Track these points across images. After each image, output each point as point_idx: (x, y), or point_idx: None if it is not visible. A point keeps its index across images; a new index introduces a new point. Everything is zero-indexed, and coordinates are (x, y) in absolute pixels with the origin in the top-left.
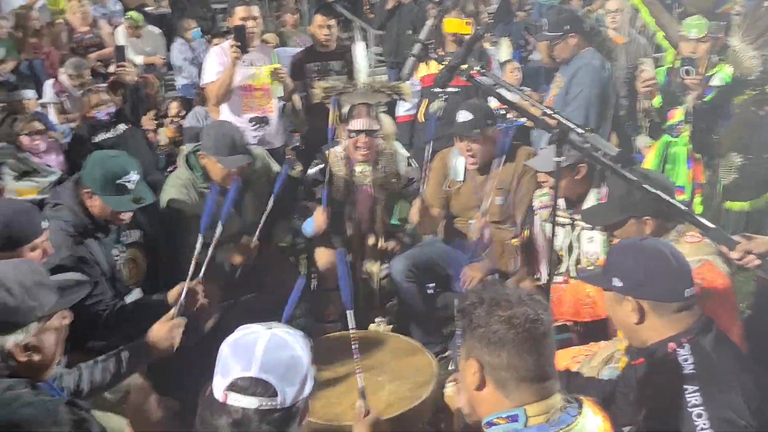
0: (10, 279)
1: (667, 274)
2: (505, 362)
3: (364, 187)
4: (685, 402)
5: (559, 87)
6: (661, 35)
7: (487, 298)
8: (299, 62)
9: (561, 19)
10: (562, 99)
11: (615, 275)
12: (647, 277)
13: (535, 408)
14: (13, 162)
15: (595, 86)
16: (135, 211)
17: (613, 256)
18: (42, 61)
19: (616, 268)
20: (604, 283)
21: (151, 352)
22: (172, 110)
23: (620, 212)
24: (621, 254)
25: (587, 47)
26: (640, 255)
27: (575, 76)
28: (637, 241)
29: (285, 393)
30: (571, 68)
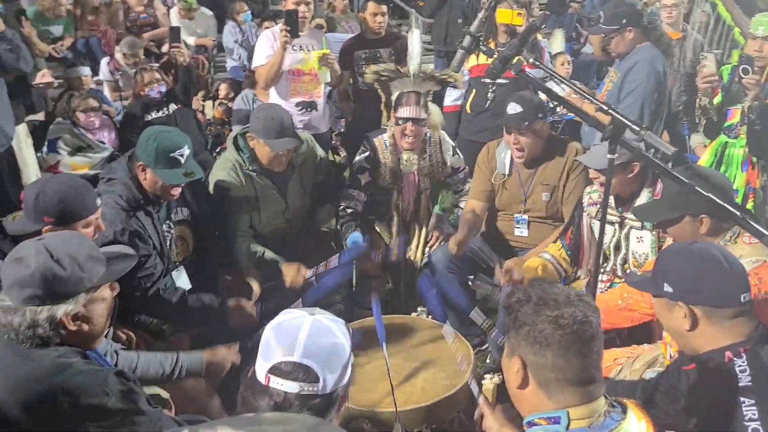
0: (60, 251)
1: (719, 279)
2: (549, 363)
3: (410, 175)
4: (741, 415)
5: (613, 82)
6: (738, 32)
7: (534, 296)
8: (349, 49)
9: (619, 13)
10: (616, 94)
11: (665, 280)
12: (699, 283)
13: (579, 411)
14: (69, 137)
15: (651, 82)
16: (183, 190)
17: (663, 261)
18: (98, 39)
19: (666, 273)
20: (654, 288)
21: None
22: (221, 92)
23: (675, 210)
24: (671, 259)
25: (645, 42)
26: (691, 259)
27: (631, 71)
28: (687, 245)
29: (326, 379)
30: (627, 63)
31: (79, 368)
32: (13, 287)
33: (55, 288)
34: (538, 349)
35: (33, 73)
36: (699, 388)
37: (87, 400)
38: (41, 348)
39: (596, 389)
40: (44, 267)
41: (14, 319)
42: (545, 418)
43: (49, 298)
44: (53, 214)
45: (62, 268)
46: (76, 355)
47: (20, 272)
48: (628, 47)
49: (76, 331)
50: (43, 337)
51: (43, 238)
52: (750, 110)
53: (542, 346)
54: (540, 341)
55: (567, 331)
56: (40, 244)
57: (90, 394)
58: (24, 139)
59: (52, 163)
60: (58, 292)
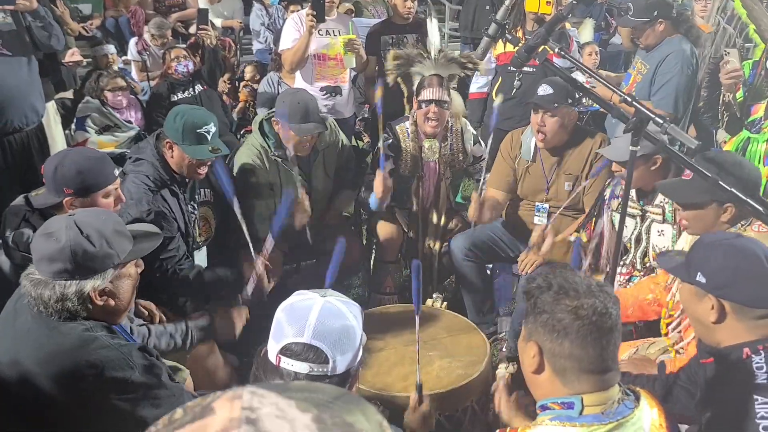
0: (89, 226)
1: (757, 279)
2: (566, 352)
3: (432, 163)
4: (754, 412)
5: (642, 74)
6: (753, 28)
7: (555, 284)
8: (375, 34)
9: (650, 5)
10: (647, 87)
11: (700, 270)
12: (735, 279)
13: (593, 398)
14: (97, 116)
15: (684, 74)
16: (208, 171)
17: (700, 250)
18: (128, 19)
19: (702, 263)
20: (687, 276)
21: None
22: (247, 74)
23: (704, 193)
24: (709, 249)
25: (674, 34)
26: (731, 254)
27: (663, 62)
28: (730, 238)
29: (336, 360)
30: (659, 54)
31: (104, 342)
32: (43, 261)
33: (84, 263)
34: (555, 338)
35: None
36: (715, 382)
37: (111, 373)
38: (69, 321)
39: (612, 378)
40: (74, 242)
41: (44, 292)
42: (559, 403)
43: (78, 273)
44: (72, 185)
45: (91, 243)
46: (102, 329)
47: (50, 246)
48: (658, 39)
49: (102, 306)
50: (71, 311)
51: (73, 214)
52: None
53: (560, 335)
54: (558, 330)
55: (586, 321)
56: (70, 219)
57: (114, 367)
58: (53, 116)
59: (79, 141)
60: (86, 266)
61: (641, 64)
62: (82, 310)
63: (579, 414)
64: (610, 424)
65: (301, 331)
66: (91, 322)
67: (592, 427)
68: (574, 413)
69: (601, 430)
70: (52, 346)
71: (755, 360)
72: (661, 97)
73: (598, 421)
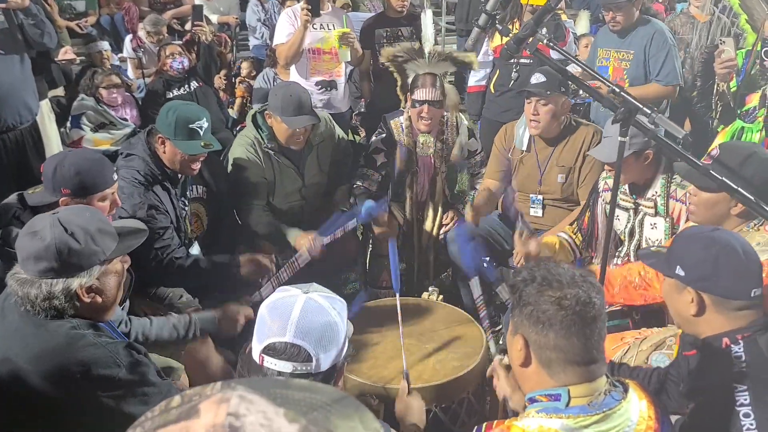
0: (73, 224)
1: (736, 272)
2: (552, 343)
3: (427, 157)
4: (734, 401)
5: (629, 60)
6: (744, 19)
7: (538, 276)
8: (370, 28)
9: None
10: (641, 70)
11: (679, 263)
12: (714, 272)
13: (579, 389)
14: (92, 114)
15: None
16: (201, 168)
17: (680, 243)
18: (123, 16)
19: (682, 257)
20: (666, 269)
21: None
22: (243, 70)
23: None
24: (689, 242)
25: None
26: (710, 247)
27: (652, 42)
28: (708, 231)
29: (319, 358)
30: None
31: (91, 340)
32: (29, 260)
33: (70, 260)
34: (540, 329)
35: (56, 49)
36: (697, 373)
37: (98, 371)
38: (56, 319)
39: (598, 369)
40: (59, 240)
41: (30, 291)
42: (546, 395)
43: (64, 271)
44: (70, 186)
45: (76, 241)
46: (89, 327)
47: (36, 245)
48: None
49: (89, 303)
50: (58, 309)
51: (57, 212)
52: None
53: (545, 327)
54: (543, 321)
55: (569, 312)
56: (54, 217)
57: (101, 365)
58: (47, 114)
59: (75, 139)
60: (73, 264)
61: (619, 52)
62: (69, 308)
63: (566, 406)
64: (597, 415)
65: (283, 329)
66: (78, 320)
67: (578, 418)
68: (560, 405)
69: (587, 421)
70: (39, 345)
71: (734, 349)
72: (666, 72)
73: (585, 413)
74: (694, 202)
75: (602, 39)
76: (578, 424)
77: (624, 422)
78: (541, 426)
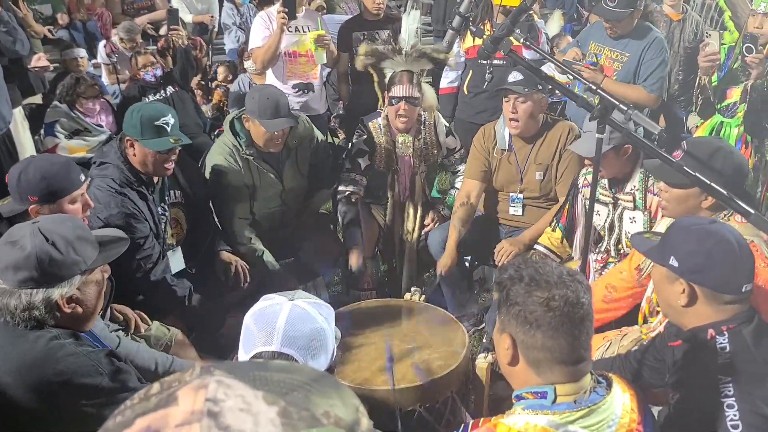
0: (54, 233)
1: (729, 266)
2: (539, 343)
3: (406, 157)
4: (718, 392)
5: (623, 62)
6: (728, 15)
7: (526, 275)
8: (347, 30)
9: None
10: (631, 74)
11: (673, 254)
12: (708, 265)
13: (565, 388)
14: (66, 121)
15: (666, 60)
16: (176, 172)
17: (675, 233)
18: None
19: (676, 247)
20: (660, 259)
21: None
22: (219, 75)
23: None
24: (683, 234)
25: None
26: (706, 240)
27: (648, 49)
28: (705, 223)
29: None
30: (639, 42)
31: (72, 349)
32: (8, 270)
33: (50, 270)
34: (527, 330)
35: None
36: (682, 364)
37: (80, 380)
38: (36, 330)
39: (584, 367)
40: (39, 249)
41: (10, 301)
42: (533, 392)
43: (45, 281)
44: (37, 192)
45: (57, 250)
46: (69, 337)
47: (15, 255)
48: (631, 27)
49: (70, 314)
50: (39, 319)
51: (37, 221)
52: (753, 89)
53: (532, 327)
54: (530, 322)
55: (557, 313)
56: (34, 226)
57: (83, 374)
58: (21, 122)
59: (49, 147)
60: (53, 274)
61: (613, 52)
62: (49, 318)
63: (552, 403)
64: (582, 410)
65: (270, 338)
66: (58, 330)
67: (564, 414)
68: (547, 402)
69: (573, 417)
70: (19, 355)
71: (719, 340)
72: (653, 82)
73: (571, 409)
74: (665, 198)
75: (596, 34)
76: (564, 420)
77: (609, 416)
78: (528, 423)
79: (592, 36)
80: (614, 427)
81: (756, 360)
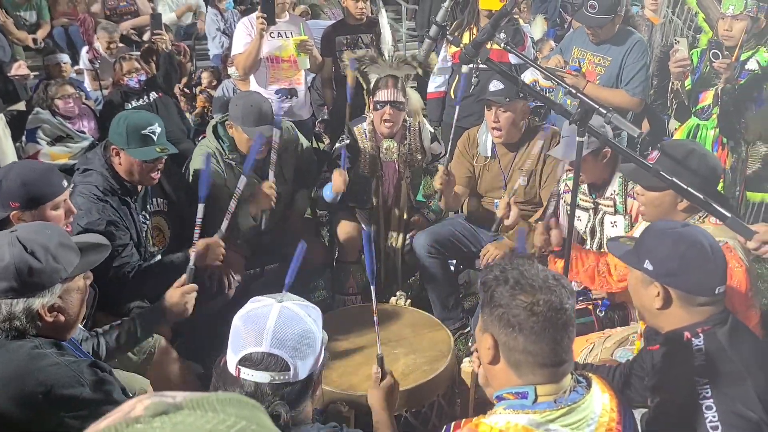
0: (33, 242)
1: (702, 268)
2: (521, 346)
3: (391, 162)
4: (696, 394)
5: (605, 66)
6: (702, 17)
7: (511, 277)
8: (330, 35)
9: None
10: (614, 78)
11: (647, 257)
12: (682, 268)
13: (546, 388)
14: (48, 127)
15: (648, 63)
16: (161, 180)
17: (649, 237)
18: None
19: (650, 251)
20: (635, 262)
21: (167, 316)
22: (204, 80)
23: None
24: (657, 237)
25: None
26: (679, 243)
27: (630, 53)
28: (677, 226)
29: (297, 367)
30: (620, 46)
31: (54, 360)
32: None
33: (31, 280)
34: (510, 332)
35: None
36: (660, 367)
37: (62, 391)
38: (17, 339)
39: (565, 369)
40: (18, 259)
41: None
42: (513, 393)
43: (25, 290)
44: (18, 198)
45: (36, 259)
46: (51, 346)
47: None
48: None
49: (52, 322)
50: (20, 329)
51: (15, 230)
52: (724, 92)
53: (514, 330)
54: (513, 325)
55: (541, 318)
56: (12, 235)
57: (65, 385)
58: (2, 129)
59: (31, 153)
60: (34, 283)
61: (595, 56)
62: (30, 327)
63: (533, 403)
64: (562, 409)
65: (259, 339)
66: (40, 340)
67: (545, 413)
68: (527, 402)
69: (553, 415)
70: (0, 366)
71: (695, 343)
72: (635, 85)
73: (551, 408)
74: (641, 201)
75: (579, 39)
76: (544, 419)
77: (588, 414)
78: (509, 422)
79: (575, 41)
80: (594, 425)
81: (732, 360)
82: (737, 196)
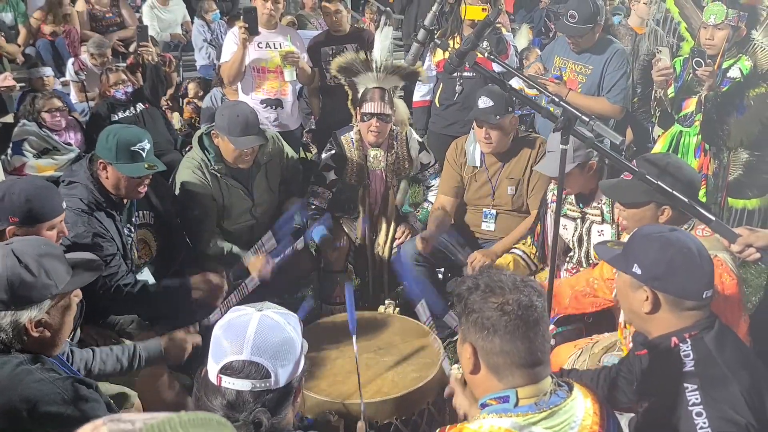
0: (27, 255)
1: (690, 272)
2: (497, 348)
3: (378, 171)
4: (686, 400)
5: (586, 75)
6: (684, 27)
7: (482, 283)
8: (316, 46)
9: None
10: (595, 86)
11: (636, 261)
12: (670, 272)
13: (526, 390)
14: (34, 139)
15: (629, 71)
16: (148, 192)
17: (638, 241)
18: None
19: (638, 255)
20: (624, 266)
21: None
22: (190, 91)
23: (644, 194)
24: (645, 242)
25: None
26: (667, 247)
27: (611, 61)
28: (665, 231)
29: (278, 374)
30: (601, 55)
31: (38, 376)
32: None
33: (21, 293)
34: (486, 335)
35: None
36: (649, 372)
37: (46, 408)
38: (2, 354)
39: (543, 370)
40: (11, 271)
41: None
42: (496, 398)
43: (14, 303)
44: (19, 214)
45: (30, 273)
46: (36, 362)
47: None
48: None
49: (38, 338)
50: (5, 343)
51: (11, 242)
52: (706, 100)
53: (490, 332)
54: (487, 327)
55: (512, 316)
56: (7, 248)
57: (49, 401)
58: None
59: (17, 166)
60: (24, 297)
61: (577, 65)
62: (16, 342)
63: (514, 406)
64: (545, 412)
65: (240, 347)
66: (25, 355)
67: (527, 416)
68: (509, 405)
69: (536, 418)
70: None
71: (683, 348)
72: (616, 93)
73: (533, 411)
74: (623, 216)
75: (560, 48)
76: (527, 422)
77: (570, 418)
78: (492, 426)
79: (557, 50)
80: (576, 428)
81: (719, 365)
82: (719, 202)
